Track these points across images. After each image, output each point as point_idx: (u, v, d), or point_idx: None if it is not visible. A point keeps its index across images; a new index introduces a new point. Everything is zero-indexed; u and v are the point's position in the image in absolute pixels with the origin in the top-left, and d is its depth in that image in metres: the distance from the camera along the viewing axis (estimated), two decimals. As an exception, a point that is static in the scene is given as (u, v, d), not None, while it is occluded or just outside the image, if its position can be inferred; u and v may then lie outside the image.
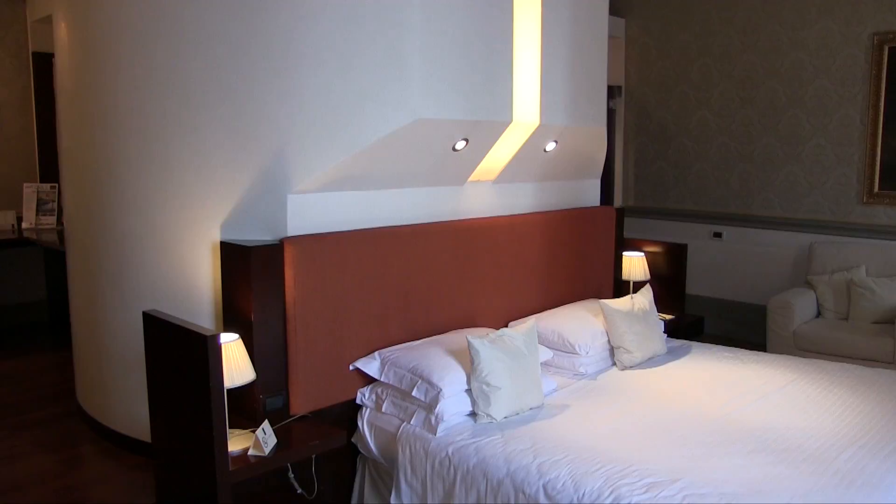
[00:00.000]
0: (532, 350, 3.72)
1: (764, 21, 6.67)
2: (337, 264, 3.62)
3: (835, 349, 5.45)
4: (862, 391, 3.85)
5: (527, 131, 4.34)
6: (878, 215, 6.26)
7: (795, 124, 6.59)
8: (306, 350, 3.54)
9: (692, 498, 2.75)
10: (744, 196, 6.97)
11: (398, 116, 3.55)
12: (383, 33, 3.50)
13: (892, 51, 6.04)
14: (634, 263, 5.47)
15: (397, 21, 3.51)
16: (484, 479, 3.16)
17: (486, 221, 4.42)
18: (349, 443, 3.76)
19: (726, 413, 3.58)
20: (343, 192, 3.73)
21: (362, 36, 3.49)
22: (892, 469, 2.99)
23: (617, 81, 7.50)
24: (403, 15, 3.51)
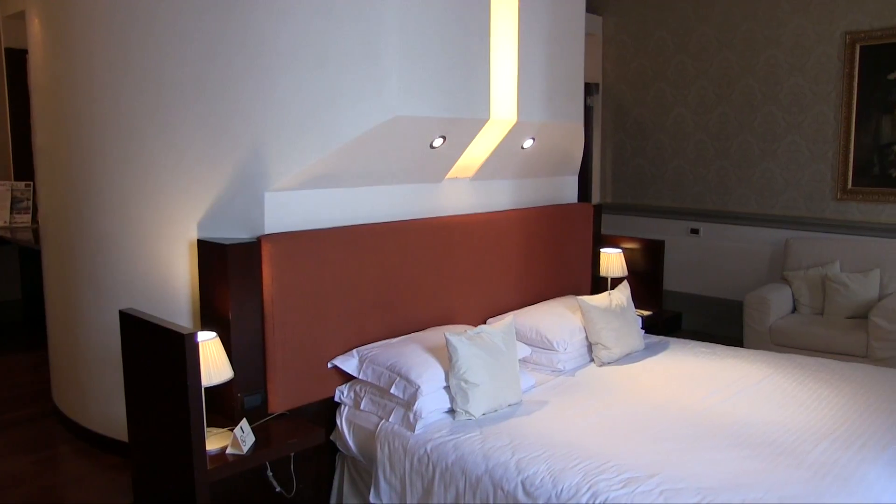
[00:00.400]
0: (510, 347, 3.73)
1: (739, 19, 6.72)
2: (314, 262, 3.61)
3: (810, 344, 5.51)
4: (836, 385, 3.89)
5: (504, 128, 4.35)
6: (851, 211, 6.33)
7: (771, 121, 6.65)
8: (284, 348, 3.53)
9: (669, 493, 2.77)
10: (720, 192, 7.02)
11: (375, 114, 3.55)
12: (360, 30, 3.50)
13: (863, 49, 6.11)
14: (612, 260, 5.50)
15: (374, 18, 3.50)
16: (463, 475, 3.17)
17: (464, 219, 4.42)
18: (328, 441, 3.76)
19: (703, 408, 3.60)
20: (320, 190, 3.72)
21: (339, 33, 3.48)
22: (864, 461, 3.03)
23: (594, 79, 7.53)
24: (380, 12, 3.51)
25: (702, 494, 2.75)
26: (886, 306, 5.28)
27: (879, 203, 6.19)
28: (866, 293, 5.75)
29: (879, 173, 6.16)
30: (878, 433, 3.30)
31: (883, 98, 6.08)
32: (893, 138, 6.07)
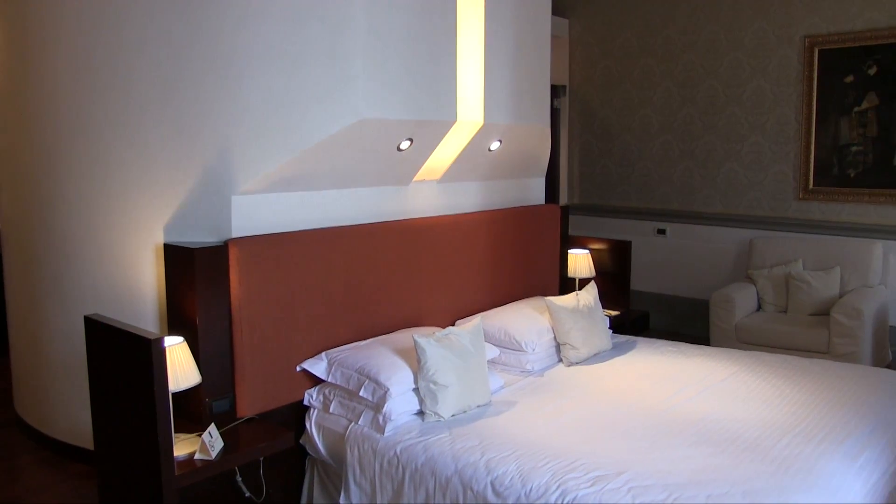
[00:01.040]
0: (478, 348, 3.75)
1: (703, 22, 6.81)
2: (282, 265, 3.60)
3: (774, 341, 5.59)
4: (798, 381, 3.96)
5: (471, 131, 4.37)
6: (813, 211, 6.44)
7: (734, 122, 6.74)
8: (252, 352, 3.51)
9: (637, 490, 2.80)
10: (686, 193, 7.10)
11: (342, 117, 3.55)
12: (327, 33, 3.50)
13: (821, 53, 6.23)
14: (580, 260, 5.54)
15: (341, 21, 3.50)
16: (432, 477, 3.18)
17: (432, 221, 4.43)
18: (297, 444, 3.75)
19: (670, 406, 3.65)
20: (288, 193, 3.72)
21: (306, 36, 3.48)
22: (824, 454, 3.09)
23: (561, 81, 7.58)
24: (347, 15, 3.51)
25: (668, 491, 2.78)
26: (847, 303, 5.38)
27: (839, 202, 6.30)
28: (828, 291, 5.85)
29: (839, 173, 6.27)
30: (838, 426, 3.37)
31: (840, 100, 6.19)
32: (851, 139, 6.19)
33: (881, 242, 5.97)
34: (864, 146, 6.15)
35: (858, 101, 6.12)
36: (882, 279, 5.96)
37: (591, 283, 4.86)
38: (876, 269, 5.89)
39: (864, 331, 5.25)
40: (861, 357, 5.25)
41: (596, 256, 5.77)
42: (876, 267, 5.89)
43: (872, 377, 4.04)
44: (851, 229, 6.21)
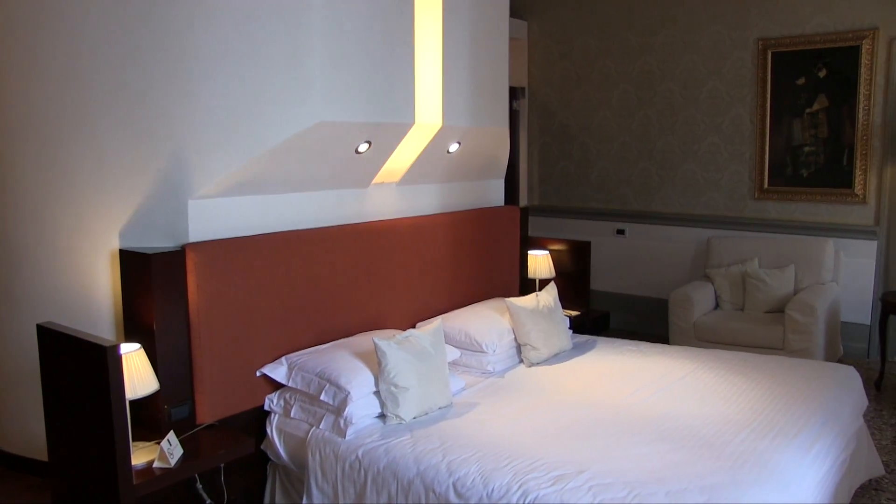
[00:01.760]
0: (439, 350, 3.75)
1: (660, 25, 6.89)
2: (241, 270, 3.58)
3: (732, 338, 5.67)
4: (754, 377, 4.03)
5: (430, 133, 4.38)
6: (768, 210, 6.55)
7: (691, 123, 6.84)
8: (211, 357, 3.48)
9: (597, 488, 2.83)
10: (644, 193, 7.18)
11: (300, 119, 3.53)
12: (283, 34, 3.48)
13: (774, 56, 6.35)
14: (539, 261, 5.56)
15: (298, 22, 3.49)
16: (394, 479, 3.18)
17: (391, 223, 4.43)
18: (258, 450, 3.72)
19: (630, 404, 3.69)
20: (246, 197, 3.69)
21: (262, 37, 3.45)
22: (779, 448, 3.17)
23: (520, 83, 7.62)
24: (304, 16, 3.50)
25: (629, 488, 2.81)
26: (801, 300, 5.47)
27: (793, 202, 6.43)
28: (783, 288, 5.96)
29: (792, 173, 6.40)
30: (791, 421, 3.45)
31: (793, 102, 6.32)
32: (804, 140, 6.31)
33: (832, 240, 6.10)
34: (815, 147, 6.28)
35: (810, 102, 6.25)
36: (834, 276, 6.08)
37: (550, 283, 4.89)
38: (828, 266, 6.01)
39: (817, 327, 5.35)
40: (814, 352, 5.35)
41: (556, 257, 5.80)
42: (828, 264, 6.01)
43: (825, 372, 4.13)
44: (804, 228, 6.34)
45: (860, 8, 5.99)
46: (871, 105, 5.99)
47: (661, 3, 6.86)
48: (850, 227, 6.19)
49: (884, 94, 5.96)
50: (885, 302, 5.55)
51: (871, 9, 5.95)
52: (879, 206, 6.09)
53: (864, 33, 5.96)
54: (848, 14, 6.03)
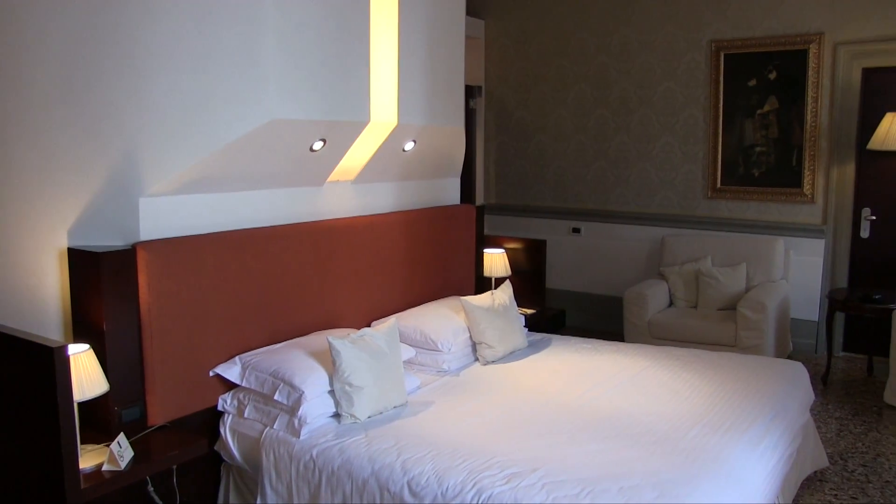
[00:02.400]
0: (394, 349, 3.75)
1: (615, 25, 6.96)
2: (194, 269, 3.53)
3: (685, 336, 5.75)
4: (707, 374, 4.09)
5: (385, 131, 4.37)
6: (720, 209, 6.66)
7: (646, 123, 6.91)
8: (163, 358, 3.44)
9: (551, 486, 2.85)
10: (600, 192, 7.24)
11: (253, 117, 3.50)
12: (236, 31, 3.44)
13: (727, 57, 6.45)
14: (495, 260, 5.59)
15: (251, 18, 3.45)
16: (349, 479, 3.17)
17: (347, 222, 4.41)
18: (211, 451, 3.68)
19: (584, 402, 3.72)
20: (198, 195, 3.64)
21: (215, 33, 3.41)
22: (730, 442, 3.23)
23: (477, 81, 7.63)
24: (257, 12, 3.46)
25: (582, 485, 2.84)
26: (752, 298, 5.57)
27: (745, 201, 6.54)
28: (735, 286, 6.06)
29: (744, 173, 6.51)
30: (742, 416, 3.51)
31: (745, 103, 6.43)
32: (755, 140, 6.43)
33: (783, 239, 6.22)
34: (766, 147, 6.40)
35: (761, 103, 6.37)
36: (784, 274, 6.20)
37: (506, 282, 4.91)
38: (778, 264, 6.13)
39: (767, 324, 5.45)
40: (765, 349, 5.45)
41: (511, 256, 5.83)
42: (778, 262, 6.13)
43: (774, 368, 4.22)
44: (756, 227, 6.46)
45: (807, 13, 6.11)
46: (819, 107, 6.11)
47: (616, 4, 6.93)
48: (799, 225, 6.31)
49: (830, 97, 6.09)
50: (832, 299, 5.68)
51: (816, 14, 6.08)
52: (827, 205, 6.22)
53: (811, 37, 6.08)
54: (796, 19, 6.15)
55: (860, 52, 5.97)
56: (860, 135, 6.03)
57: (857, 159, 6.08)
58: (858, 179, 6.13)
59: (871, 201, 6.13)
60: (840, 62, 6.02)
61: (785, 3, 6.19)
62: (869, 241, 6.16)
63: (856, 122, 6.06)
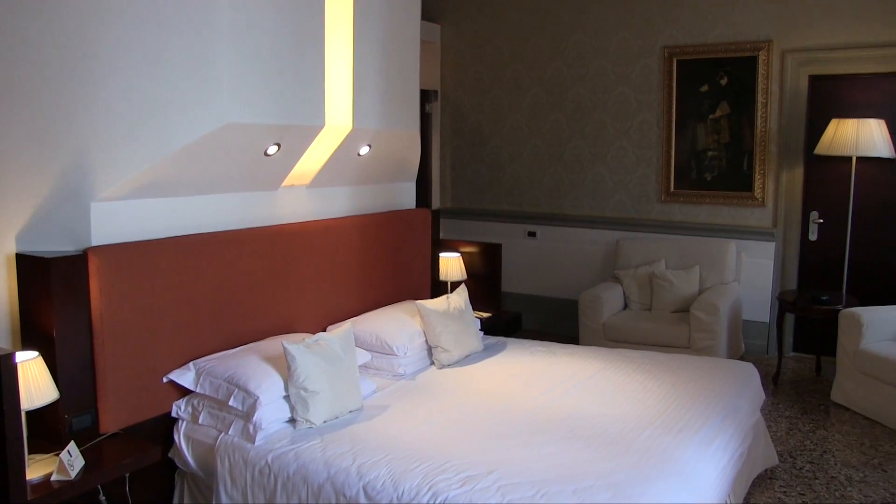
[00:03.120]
0: (349, 353, 3.75)
1: (570, 30, 7.03)
2: (147, 274, 3.49)
3: (640, 338, 5.82)
4: (660, 375, 4.15)
5: (340, 135, 4.36)
6: (674, 212, 6.76)
7: (601, 128, 6.99)
8: (115, 364, 3.39)
9: (506, 488, 2.87)
10: (555, 196, 7.30)
11: (207, 121, 3.47)
12: (189, 34, 3.41)
13: (680, 63, 6.56)
14: (451, 264, 5.61)
15: (204, 22, 3.43)
16: (304, 485, 3.16)
17: (302, 226, 4.39)
18: (165, 458, 3.64)
19: (539, 404, 3.75)
20: (151, 199, 3.60)
21: (167, 36, 3.37)
22: (682, 443, 3.28)
23: (433, 86, 7.65)
24: (210, 16, 3.44)
25: (536, 487, 2.87)
26: (705, 300, 5.66)
27: (698, 204, 6.65)
28: (688, 288, 6.15)
29: (697, 177, 6.61)
30: (694, 416, 3.57)
31: (697, 108, 6.54)
32: (707, 145, 6.54)
33: (735, 242, 6.33)
34: (718, 151, 6.51)
35: (713, 109, 6.48)
36: (736, 276, 6.31)
37: (461, 285, 4.93)
38: (730, 266, 6.24)
39: (720, 326, 5.54)
40: (718, 350, 5.54)
41: (467, 259, 5.86)
42: (730, 265, 6.24)
43: (726, 369, 4.29)
44: (708, 230, 6.57)
45: (756, 21, 6.24)
46: (768, 113, 6.24)
47: (571, 10, 7.00)
48: (750, 229, 6.43)
49: (779, 103, 6.22)
50: (782, 301, 5.80)
51: (765, 22, 6.21)
52: (777, 208, 6.35)
53: (760, 45, 6.21)
54: (745, 26, 6.28)
55: (807, 59, 6.11)
56: (808, 140, 6.17)
57: (805, 164, 6.22)
58: (806, 183, 6.27)
59: (819, 205, 6.27)
60: (788, 69, 6.16)
61: (735, 10, 6.31)
62: (817, 244, 6.30)
63: (803, 127, 6.20)
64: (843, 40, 5.96)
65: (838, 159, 5.93)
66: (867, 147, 5.58)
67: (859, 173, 5.83)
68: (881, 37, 5.82)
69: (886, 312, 5.22)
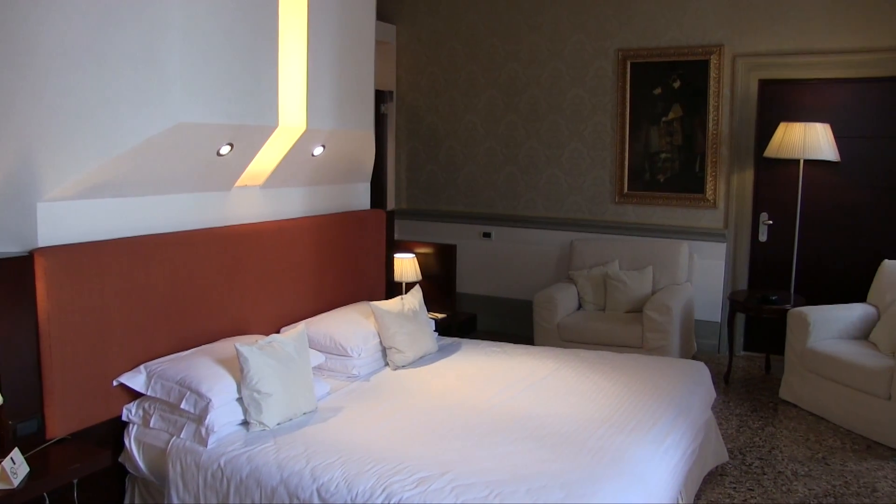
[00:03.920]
0: (303, 355, 3.72)
1: (525, 32, 7.06)
2: (96, 276, 3.43)
3: (594, 338, 5.87)
4: (613, 375, 4.19)
5: (294, 135, 4.33)
6: (627, 213, 6.83)
7: (555, 129, 7.04)
8: (63, 368, 3.32)
9: (460, 489, 2.88)
10: (510, 197, 7.33)
11: (158, 120, 3.42)
12: (140, 31, 3.35)
13: (633, 66, 6.63)
14: (406, 265, 5.61)
15: (155, 19, 3.37)
16: (258, 488, 3.14)
17: (255, 227, 4.35)
18: (115, 463, 3.59)
19: (493, 405, 3.76)
20: (101, 200, 3.54)
21: (118, 33, 3.31)
22: (634, 442, 3.32)
23: (388, 86, 7.63)
24: (163, 15, 3.38)
25: (490, 488, 2.88)
26: (658, 300, 5.73)
27: (651, 206, 6.73)
28: (641, 289, 6.22)
29: (650, 178, 6.70)
30: (647, 415, 3.62)
31: (650, 111, 6.62)
32: (660, 147, 6.63)
33: (687, 243, 6.42)
34: (671, 154, 6.60)
35: (666, 111, 6.57)
36: (688, 277, 6.40)
37: (416, 286, 4.93)
38: (683, 267, 6.32)
39: (672, 325, 5.62)
40: (671, 350, 5.62)
41: (422, 260, 5.86)
42: (683, 265, 6.32)
43: (678, 368, 4.36)
44: (661, 231, 6.65)
45: (707, 25, 6.35)
46: (720, 116, 6.35)
47: (526, 12, 7.04)
48: (702, 230, 6.53)
49: (730, 106, 6.33)
50: (733, 301, 5.90)
51: (717, 27, 6.32)
52: (728, 210, 6.46)
53: (711, 49, 6.31)
54: (697, 30, 6.38)
55: (756, 64, 6.23)
56: (757, 143, 6.28)
57: (755, 166, 6.34)
58: (756, 186, 6.39)
59: (769, 206, 6.39)
60: (739, 73, 6.27)
61: (688, 14, 6.40)
62: (766, 245, 6.43)
63: (753, 130, 6.31)
64: (791, 46, 6.09)
65: (787, 162, 6.05)
66: (814, 150, 5.70)
67: (807, 176, 5.96)
68: (827, 44, 5.97)
69: (832, 311, 5.34)
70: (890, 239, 5.97)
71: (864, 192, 6.07)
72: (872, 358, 4.87)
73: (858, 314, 5.36)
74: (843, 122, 5.98)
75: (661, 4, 6.49)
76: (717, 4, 6.30)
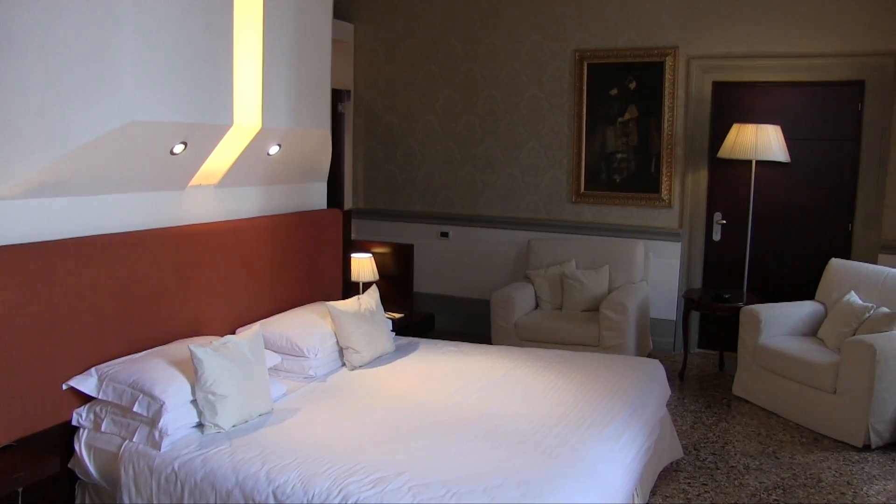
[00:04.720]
0: (258, 356, 3.69)
1: (483, 33, 7.08)
2: (44, 277, 3.36)
3: (551, 337, 5.91)
4: (570, 373, 4.22)
5: (249, 134, 4.28)
6: (584, 213, 6.88)
7: (513, 130, 7.06)
8: (8, 372, 3.24)
9: (417, 489, 2.88)
10: (468, 197, 7.34)
11: (109, 118, 3.36)
12: (91, 29, 3.28)
13: (590, 67, 6.69)
14: (363, 265, 5.58)
15: (107, 15, 3.31)
16: (213, 491, 3.10)
17: (209, 227, 4.30)
18: (65, 469, 3.51)
19: (450, 404, 3.77)
20: (50, 199, 3.47)
21: (68, 29, 3.24)
22: (590, 440, 3.35)
23: (346, 85, 7.59)
24: (114, 9, 3.32)
25: (447, 487, 2.88)
26: (614, 299, 5.79)
27: (607, 205, 6.79)
28: (598, 288, 6.27)
29: (607, 178, 6.76)
30: (603, 413, 3.65)
31: (607, 111, 6.68)
32: (616, 148, 6.69)
33: (643, 242, 6.49)
34: (627, 154, 6.67)
35: (622, 112, 6.63)
36: (644, 276, 6.47)
37: (373, 286, 4.91)
38: (639, 266, 6.39)
39: (628, 324, 5.67)
40: (627, 348, 5.67)
41: (379, 260, 5.84)
42: (639, 264, 6.39)
43: (633, 366, 4.40)
44: (618, 230, 6.72)
45: (663, 28, 6.42)
46: (675, 117, 6.43)
47: (483, 12, 7.05)
48: (657, 229, 6.61)
49: (685, 107, 6.42)
50: (687, 299, 5.99)
51: (672, 29, 6.40)
52: (683, 210, 6.54)
53: (666, 51, 6.39)
54: (653, 32, 6.45)
55: (710, 66, 6.32)
56: (711, 144, 6.38)
57: (709, 167, 6.43)
58: (710, 186, 6.48)
59: (722, 206, 6.49)
60: (693, 75, 6.36)
61: (643, 16, 6.47)
62: (720, 244, 6.52)
63: (707, 132, 6.41)
64: (744, 49, 6.19)
65: (740, 163, 6.15)
66: (766, 151, 5.81)
67: (759, 176, 6.06)
68: (778, 48, 6.08)
69: (783, 309, 5.46)
70: (837, 238, 6.11)
71: (813, 193, 6.20)
72: (819, 353, 4.99)
73: (807, 311, 5.49)
74: (793, 124, 6.10)
75: (618, 6, 6.56)
76: (673, 7, 6.38)
